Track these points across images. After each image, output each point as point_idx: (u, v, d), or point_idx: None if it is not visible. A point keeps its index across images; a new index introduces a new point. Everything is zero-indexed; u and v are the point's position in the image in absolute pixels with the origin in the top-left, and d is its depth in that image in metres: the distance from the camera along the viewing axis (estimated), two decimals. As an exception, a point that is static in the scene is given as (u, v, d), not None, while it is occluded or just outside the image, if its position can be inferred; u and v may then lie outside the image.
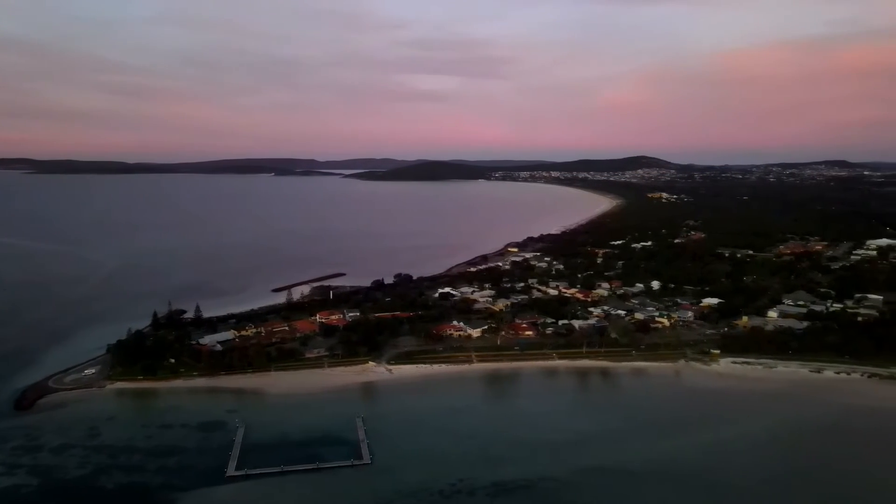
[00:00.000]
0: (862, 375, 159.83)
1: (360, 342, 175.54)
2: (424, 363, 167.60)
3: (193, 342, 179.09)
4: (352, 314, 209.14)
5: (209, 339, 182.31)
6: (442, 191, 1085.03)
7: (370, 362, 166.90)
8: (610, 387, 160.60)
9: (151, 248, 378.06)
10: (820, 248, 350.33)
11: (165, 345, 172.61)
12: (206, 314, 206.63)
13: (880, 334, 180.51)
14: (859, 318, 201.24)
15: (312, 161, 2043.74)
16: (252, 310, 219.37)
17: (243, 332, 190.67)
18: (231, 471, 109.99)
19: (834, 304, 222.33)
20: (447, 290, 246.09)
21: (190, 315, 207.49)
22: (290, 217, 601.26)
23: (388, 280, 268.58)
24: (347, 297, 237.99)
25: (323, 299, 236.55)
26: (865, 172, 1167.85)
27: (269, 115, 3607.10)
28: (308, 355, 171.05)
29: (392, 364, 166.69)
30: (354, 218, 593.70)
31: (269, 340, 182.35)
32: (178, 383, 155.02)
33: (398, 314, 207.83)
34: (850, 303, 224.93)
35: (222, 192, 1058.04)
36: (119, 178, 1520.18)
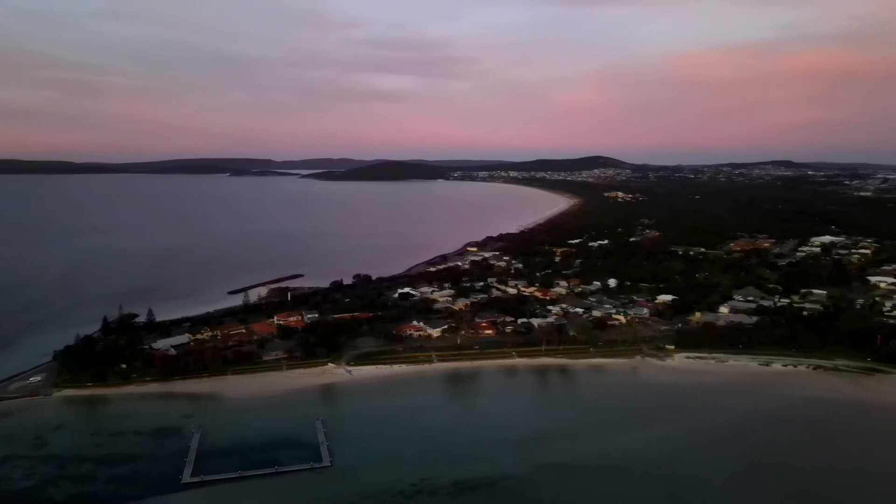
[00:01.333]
0: (807, 367, 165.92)
1: (319, 343, 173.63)
2: (384, 364, 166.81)
3: (146, 347, 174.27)
4: (310, 315, 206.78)
5: (163, 344, 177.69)
6: (401, 191, 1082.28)
7: (330, 364, 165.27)
8: (569, 384, 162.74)
9: (101, 251, 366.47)
10: (768, 245, 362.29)
11: (116, 350, 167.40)
12: (159, 318, 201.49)
13: (824, 328, 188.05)
14: (805, 313, 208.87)
15: (269, 161, 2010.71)
16: (207, 312, 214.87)
17: (198, 336, 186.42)
18: (186, 478, 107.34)
19: (781, 300, 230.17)
20: (407, 290, 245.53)
21: (142, 319, 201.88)
22: (246, 218, 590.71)
23: (348, 281, 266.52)
24: (306, 299, 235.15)
25: (281, 301, 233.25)
26: (809, 172, 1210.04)
27: (224, 113, 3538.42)
28: (266, 358, 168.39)
29: (352, 365, 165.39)
30: (312, 218, 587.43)
31: (226, 343, 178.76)
32: (130, 389, 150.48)
33: (358, 315, 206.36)
34: (796, 298, 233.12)
35: (175, 192, 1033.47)
36: (66, 178, 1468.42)
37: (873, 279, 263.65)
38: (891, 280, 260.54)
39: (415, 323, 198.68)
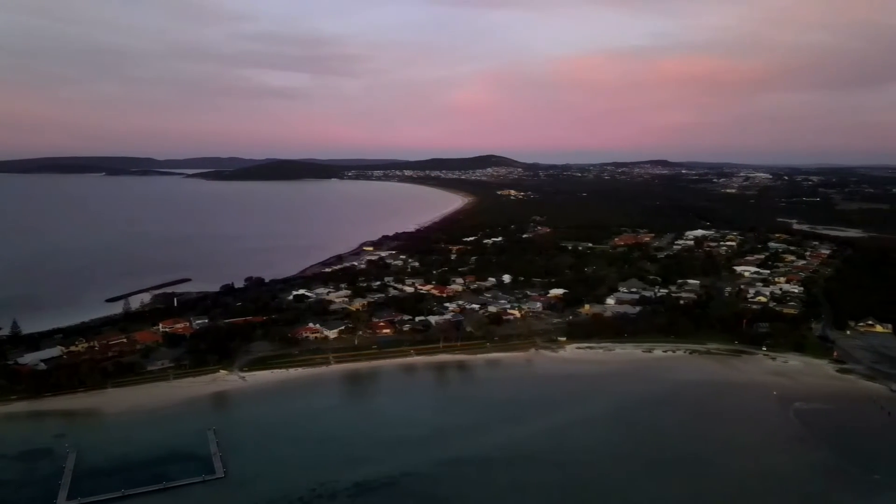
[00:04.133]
0: (685, 352, 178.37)
1: (209, 350, 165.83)
2: (280, 368, 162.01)
3: (11, 362, 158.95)
4: (199, 321, 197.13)
5: (31, 358, 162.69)
6: (293, 190, 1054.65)
7: (221, 371, 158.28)
8: (467, 379, 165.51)
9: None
10: (648, 239, 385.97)
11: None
12: (25, 330, 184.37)
13: (697, 315, 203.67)
14: (681, 302, 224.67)
15: (150, 160, 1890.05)
16: (83, 322, 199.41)
17: (73, 348, 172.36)
18: (62, 501, 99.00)
19: (661, 290, 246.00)
20: (302, 291, 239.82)
21: (6, 332, 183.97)
22: (126, 220, 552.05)
23: (239, 284, 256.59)
24: (194, 304, 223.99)
25: (166, 307, 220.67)
26: (683, 171, 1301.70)
27: (97, 109, 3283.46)
28: (151, 368, 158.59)
29: (245, 371, 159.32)
30: (199, 220, 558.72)
31: (105, 355, 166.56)
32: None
33: (251, 319, 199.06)
34: (673, 288, 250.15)
35: (42, 193, 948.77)
36: None
37: (738, 269, 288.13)
38: (753, 269, 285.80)
39: (311, 325, 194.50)
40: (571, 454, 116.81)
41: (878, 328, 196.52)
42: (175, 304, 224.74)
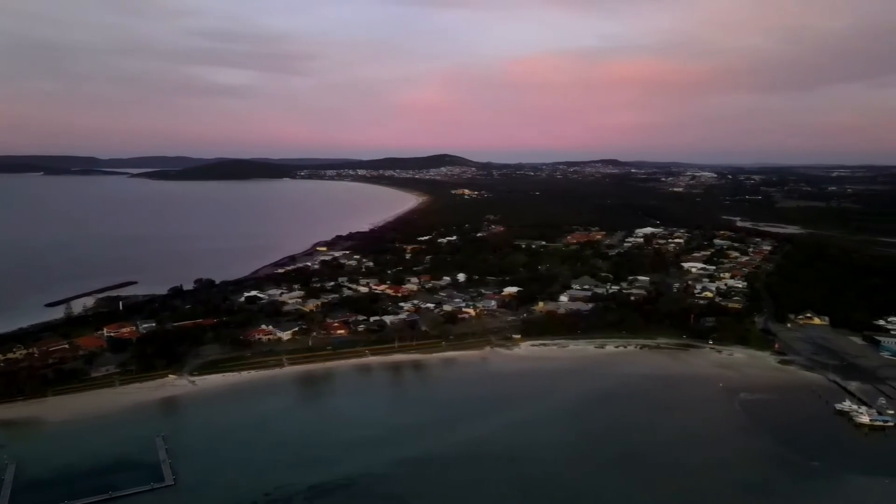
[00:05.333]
0: (635, 347, 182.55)
1: (157, 355, 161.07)
2: (232, 371, 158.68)
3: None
4: (146, 325, 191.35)
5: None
6: (244, 190, 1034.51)
7: (170, 375, 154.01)
8: (423, 378, 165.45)
9: None
10: (600, 237, 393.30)
11: None
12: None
13: (648, 310, 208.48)
14: (632, 298, 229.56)
15: (92, 159, 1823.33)
16: (20, 328, 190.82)
17: (10, 355, 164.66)
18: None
19: (612, 287, 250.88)
20: (254, 293, 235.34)
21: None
22: (67, 221, 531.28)
23: (188, 286, 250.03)
24: (141, 307, 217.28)
25: (111, 311, 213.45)
26: (632, 170, 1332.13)
27: (33, 106, 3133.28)
28: (95, 374, 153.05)
29: (195, 375, 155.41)
30: (146, 221, 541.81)
31: (45, 361, 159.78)
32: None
33: (201, 322, 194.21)
34: (624, 284, 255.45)
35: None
36: None
37: (686, 265, 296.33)
38: (700, 266, 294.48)
39: (263, 327, 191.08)
40: (527, 450, 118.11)
41: (816, 320, 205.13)
42: (120, 307, 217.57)
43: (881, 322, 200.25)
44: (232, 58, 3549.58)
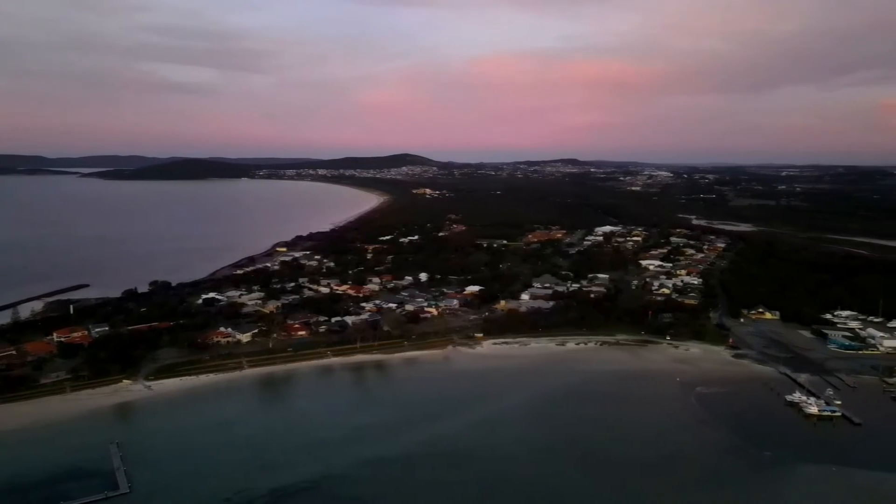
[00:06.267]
0: (596, 344, 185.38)
1: (110, 359, 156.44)
2: (189, 375, 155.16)
3: None
4: (99, 329, 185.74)
5: None
6: (201, 190, 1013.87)
7: (125, 380, 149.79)
8: (385, 378, 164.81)
9: None
10: (560, 235, 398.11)
11: None
12: None
13: (607, 307, 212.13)
14: (592, 295, 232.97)
15: (39, 158, 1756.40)
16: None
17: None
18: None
19: (572, 285, 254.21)
20: (212, 295, 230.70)
21: None
22: (13, 223, 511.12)
23: (143, 289, 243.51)
24: (93, 311, 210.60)
25: (61, 315, 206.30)
26: (592, 169, 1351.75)
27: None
28: (44, 381, 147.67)
29: (151, 380, 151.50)
30: (98, 222, 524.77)
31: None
32: None
33: (157, 325, 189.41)
34: (584, 282, 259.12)
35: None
36: None
37: (644, 263, 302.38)
38: (657, 263, 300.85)
39: (222, 329, 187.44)
40: (490, 448, 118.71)
41: (768, 315, 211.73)
42: (71, 311, 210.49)
43: (828, 316, 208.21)
44: (188, 55, 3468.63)
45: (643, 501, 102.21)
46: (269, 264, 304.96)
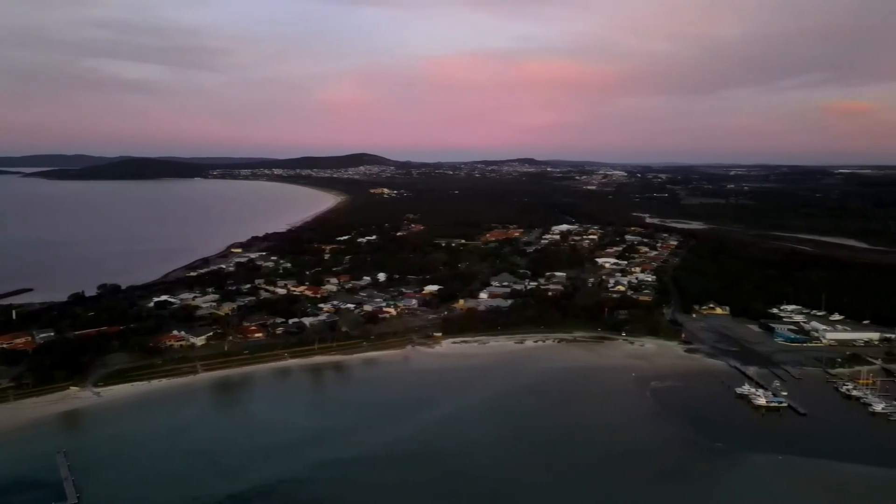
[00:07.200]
0: (553, 341, 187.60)
1: (56, 366, 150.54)
2: (141, 380, 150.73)
3: None
4: (44, 335, 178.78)
5: None
6: (152, 190, 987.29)
7: (72, 387, 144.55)
8: (344, 379, 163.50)
9: None
10: (517, 234, 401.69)
11: None
12: None
13: (564, 305, 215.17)
14: (549, 293, 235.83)
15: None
16: None
17: None
18: None
19: (530, 283, 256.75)
20: (164, 297, 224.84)
21: None
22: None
23: (91, 292, 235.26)
24: (37, 316, 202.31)
25: (3, 321, 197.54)
26: (548, 169, 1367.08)
27: None
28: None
29: (101, 386, 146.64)
30: (40, 224, 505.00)
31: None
32: None
33: (106, 329, 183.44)
34: (542, 280, 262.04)
35: None
36: None
37: (600, 260, 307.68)
38: (612, 261, 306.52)
39: (175, 332, 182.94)
40: (450, 447, 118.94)
41: (718, 310, 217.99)
42: (13, 316, 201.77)
43: (775, 310, 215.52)
44: (136, 51, 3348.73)
45: (602, 496, 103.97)
46: (223, 266, 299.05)
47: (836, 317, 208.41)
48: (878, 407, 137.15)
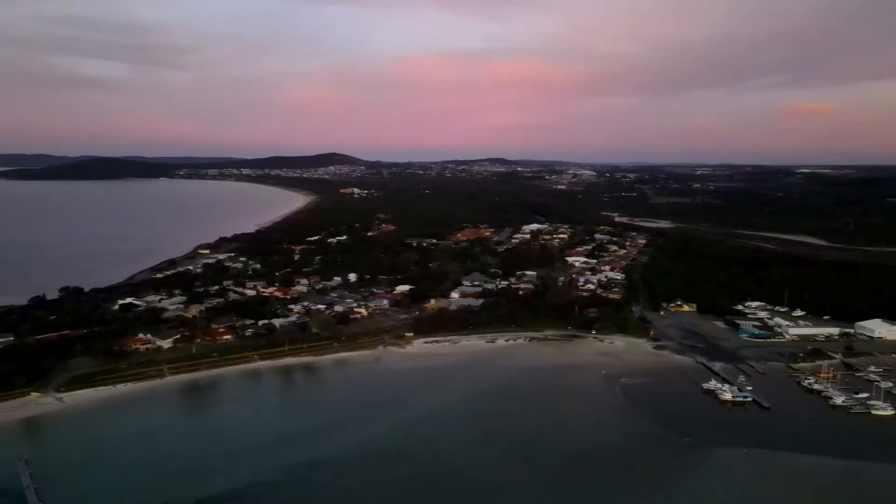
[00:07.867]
0: (525, 340, 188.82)
1: (16, 372, 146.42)
2: (105, 384, 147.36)
3: None
4: (2, 340, 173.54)
5: None
6: (116, 191, 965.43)
7: (33, 393, 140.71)
8: (314, 381, 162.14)
9: None
10: (488, 233, 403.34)
11: None
12: None
13: (535, 304, 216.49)
14: (520, 292, 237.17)
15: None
16: None
17: None
18: None
19: (501, 282, 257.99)
20: (129, 300, 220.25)
21: None
22: None
23: (52, 295, 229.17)
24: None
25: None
26: (518, 168, 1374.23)
27: None
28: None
29: (63, 391, 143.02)
30: (0, 225, 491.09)
31: None
32: None
33: (68, 333, 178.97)
34: (513, 279, 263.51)
35: None
36: None
37: (570, 259, 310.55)
38: (582, 259, 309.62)
39: (141, 335, 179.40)
40: (422, 447, 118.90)
41: (685, 308, 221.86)
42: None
43: (740, 307, 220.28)
44: (97, 48, 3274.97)
45: (574, 492, 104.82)
46: (191, 267, 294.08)
47: (798, 312, 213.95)
48: (839, 400, 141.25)
